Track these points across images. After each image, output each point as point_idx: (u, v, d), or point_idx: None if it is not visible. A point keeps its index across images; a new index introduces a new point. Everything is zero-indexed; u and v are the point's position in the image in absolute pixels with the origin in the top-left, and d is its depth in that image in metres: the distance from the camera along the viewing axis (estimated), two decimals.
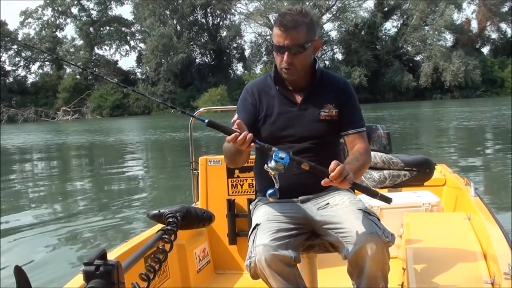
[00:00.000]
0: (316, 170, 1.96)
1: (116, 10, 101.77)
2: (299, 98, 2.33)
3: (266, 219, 2.18)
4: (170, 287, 2.89)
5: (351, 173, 1.96)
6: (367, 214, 2.13)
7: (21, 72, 63.35)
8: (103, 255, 1.43)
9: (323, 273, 2.60)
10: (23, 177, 13.88)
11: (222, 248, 3.45)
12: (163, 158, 17.41)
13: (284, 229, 2.13)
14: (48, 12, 62.72)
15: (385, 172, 3.64)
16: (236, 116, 2.08)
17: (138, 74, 63.08)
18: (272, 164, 1.92)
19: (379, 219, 2.14)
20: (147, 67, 58.05)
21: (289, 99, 2.33)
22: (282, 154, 1.91)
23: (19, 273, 1.40)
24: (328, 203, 2.25)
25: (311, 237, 2.27)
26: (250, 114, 2.32)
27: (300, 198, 2.29)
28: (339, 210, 2.18)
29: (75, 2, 62.16)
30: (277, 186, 1.99)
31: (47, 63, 63.32)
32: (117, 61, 65.60)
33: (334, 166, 1.90)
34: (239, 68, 63.07)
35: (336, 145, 2.39)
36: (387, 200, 2.05)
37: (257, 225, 2.17)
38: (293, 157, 1.94)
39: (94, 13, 63.22)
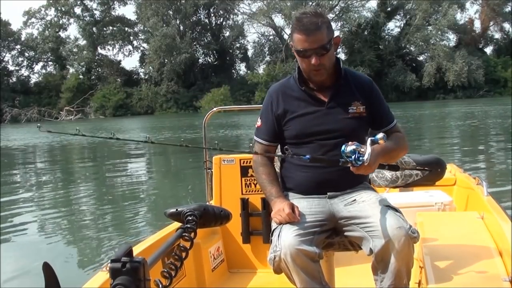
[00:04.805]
0: None
1: (119, 10, 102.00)
2: (325, 97, 2.36)
3: None
4: (186, 286, 2.90)
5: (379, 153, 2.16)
6: (394, 210, 2.17)
7: (24, 72, 63.34)
8: (129, 252, 1.42)
9: (339, 271, 2.62)
10: (33, 176, 13.90)
11: (236, 247, 3.46)
12: (169, 157, 17.39)
13: (310, 226, 2.17)
14: (51, 12, 62.61)
15: (397, 171, 3.63)
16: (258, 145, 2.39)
17: (141, 74, 63.01)
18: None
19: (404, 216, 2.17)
20: (150, 67, 58.00)
21: (315, 98, 2.36)
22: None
23: (47, 270, 1.41)
24: (355, 200, 2.30)
25: (331, 235, 2.30)
26: (272, 119, 2.39)
27: (329, 194, 2.33)
28: (366, 205, 2.23)
29: (78, 2, 62.00)
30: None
31: (50, 63, 63.44)
32: (120, 61, 65.41)
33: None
34: (242, 68, 63.04)
35: (363, 141, 2.41)
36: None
37: None
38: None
39: (97, 13, 63.11)
